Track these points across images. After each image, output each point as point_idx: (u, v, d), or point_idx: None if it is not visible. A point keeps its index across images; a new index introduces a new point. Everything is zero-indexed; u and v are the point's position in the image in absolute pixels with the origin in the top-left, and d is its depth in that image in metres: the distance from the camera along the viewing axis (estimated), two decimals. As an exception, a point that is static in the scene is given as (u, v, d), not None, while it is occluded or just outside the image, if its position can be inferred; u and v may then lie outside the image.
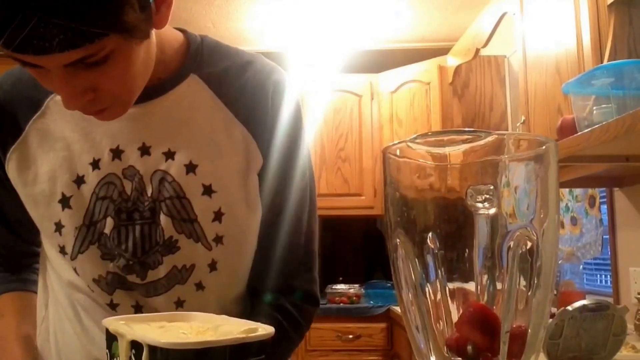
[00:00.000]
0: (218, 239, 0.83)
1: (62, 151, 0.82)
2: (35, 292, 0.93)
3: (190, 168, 0.81)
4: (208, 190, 0.82)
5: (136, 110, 0.80)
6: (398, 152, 0.51)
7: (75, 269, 0.84)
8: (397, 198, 0.51)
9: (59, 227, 0.82)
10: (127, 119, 0.79)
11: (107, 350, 0.61)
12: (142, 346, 0.54)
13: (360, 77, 3.70)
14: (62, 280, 0.88)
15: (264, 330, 0.58)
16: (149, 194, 0.81)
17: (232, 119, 0.83)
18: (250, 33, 3.58)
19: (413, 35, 3.65)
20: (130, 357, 0.56)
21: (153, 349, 0.53)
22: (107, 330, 0.60)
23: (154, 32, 0.74)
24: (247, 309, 0.91)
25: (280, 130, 0.86)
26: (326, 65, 3.78)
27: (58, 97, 0.81)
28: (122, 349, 0.57)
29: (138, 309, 0.84)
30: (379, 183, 3.53)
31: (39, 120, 0.83)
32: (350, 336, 3.21)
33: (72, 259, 0.83)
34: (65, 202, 0.81)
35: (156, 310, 0.83)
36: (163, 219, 0.81)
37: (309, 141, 0.93)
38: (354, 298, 3.34)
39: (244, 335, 0.56)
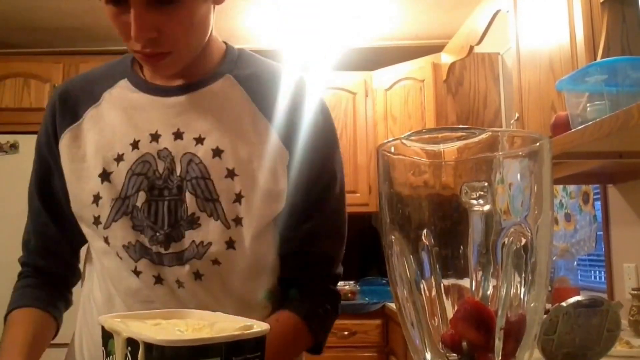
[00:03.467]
0: (238, 220, 0.90)
1: (109, 133, 0.93)
2: (50, 312, 0.97)
3: (217, 152, 0.90)
4: (231, 174, 0.90)
5: (176, 100, 0.93)
6: (392, 149, 0.52)
7: (106, 238, 0.92)
8: (392, 195, 0.52)
9: (96, 198, 0.92)
10: (167, 108, 0.93)
11: (103, 348, 0.61)
12: (138, 343, 0.54)
13: (354, 74, 3.70)
14: (95, 250, 0.97)
15: (260, 327, 0.58)
16: (178, 173, 0.90)
17: (258, 114, 0.94)
18: (244, 31, 3.57)
19: (407, 32, 3.65)
20: (126, 355, 0.56)
21: (149, 347, 0.53)
22: (102, 327, 0.60)
23: (213, 17, 0.91)
24: (274, 300, 0.99)
25: (306, 128, 0.95)
26: (320, 63, 3.77)
27: (113, 90, 0.96)
28: (118, 346, 0.57)
29: (159, 280, 0.91)
30: (374, 180, 3.54)
31: (95, 109, 0.96)
32: (346, 333, 3.22)
33: (105, 227, 0.92)
34: (105, 176, 0.92)
35: (177, 280, 0.91)
36: (188, 196, 0.89)
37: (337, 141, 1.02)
38: (349, 295, 3.34)
39: (239, 332, 0.56)
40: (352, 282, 3.40)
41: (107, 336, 0.60)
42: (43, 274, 1.00)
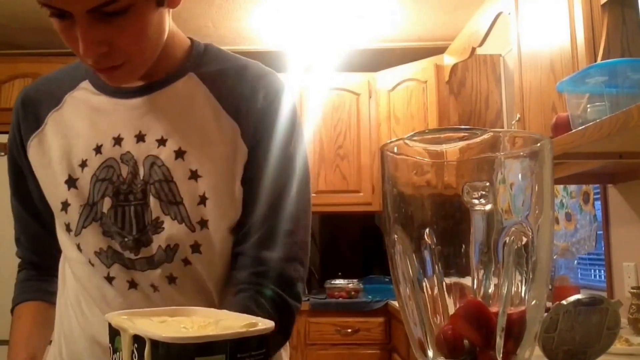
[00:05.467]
0: (203, 223, 0.88)
1: (73, 139, 0.90)
2: (54, 303, 1.01)
3: (179, 154, 0.88)
4: (194, 175, 0.87)
5: (138, 101, 0.89)
6: (395, 150, 0.52)
7: (78, 245, 0.90)
8: (395, 195, 0.52)
9: (65, 205, 0.90)
10: (129, 110, 0.89)
11: (110, 345, 0.61)
12: (145, 340, 0.55)
13: (358, 75, 3.71)
14: (69, 262, 0.95)
15: (264, 324, 0.59)
16: (141, 177, 0.87)
17: (222, 112, 0.90)
18: (249, 32, 3.57)
19: (410, 34, 3.65)
20: (132, 352, 0.56)
21: (155, 344, 0.54)
22: (109, 324, 0.61)
23: (170, 18, 0.85)
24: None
25: (270, 126, 0.91)
26: (324, 64, 3.78)
27: (75, 92, 0.93)
28: (125, 343, 0.57)
29: (133, 284, 0.89)
30: (377, 180, 3.54)
31: (57, 112, 0.93)
32: (349, 330, 3.22)
33: (76, 234, 0.89)
34: (71, 182, 0.89)
35: (152, 285, 0.89)
36: (152, 200, 0.87)
37: (307, 140, 0.98)
38: (353, 293, 3.35)
39: (244, 330, 0.56)
40: (355, 280, 3.41)
41: (113, 333, 0.60)
42: (37, 267, 1.04)
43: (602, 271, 2.35)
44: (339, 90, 3.68)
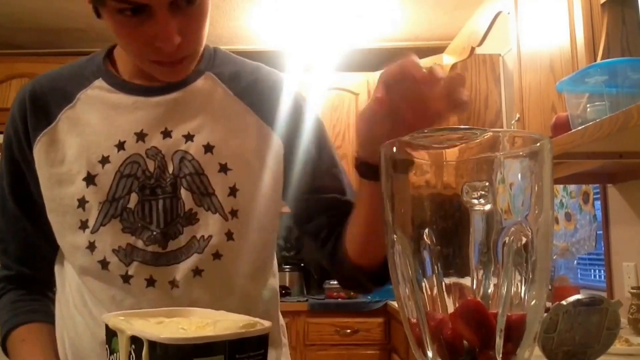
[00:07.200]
0: (233, 213, 0.91)
1: (90, 136, 0.90)
2: (52, 324, 0.96)
3: (208, 148, 0.91)
4: (224, 168, 0.91)
5: (160, 99, 0.91)
6: (395, 150, 0.52)
7: (92, 244, 0.89)
8: (394, 194, 0.52)
9: (82, 202, 0.89)
10: (152, 107, 0.91)
11: (107, 346, 0.61)
12: (142, 341, 0.54)
13: (356, 75, 3.71)
14: (73, 266, 0.93)
15: (263, 325, 0.58)
16: (170, 171, 0.89)
17: (245, 109, 0.94)
18: (247, 32, 3.57)
19: (409, 34, 3.65)
20: (130, 353, 0.56)
21: (152, 344, 0.53)
22: (106, 325, 0.61)
23: None
24: (263, 286, 1.00)
25: (294, 117, 0.97)
26: (323, 64, 3.78)
27: (89, 91, 0.93)
28: (122, 344, 0.57)
29: (151, 282, 0.89)
30: (375, 180, 3.53)
31: (70, 110, 0.92)
32: (348, 331, 3.22)
33: (93, 232, 0.89)
34: (90, 179, 0.89)
35: (172, 280, 0.89)
36: (184, 193, 0.89)
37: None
38: (352, 293, 3.35)
39: (243, 330, 0.56)
40: (353, 281, 3.41)
41: (110, 334, 0.60)
42: (27, 282, 0.98)
43: (602, 271, 2.35)
44: (338, 90, 3.69)
